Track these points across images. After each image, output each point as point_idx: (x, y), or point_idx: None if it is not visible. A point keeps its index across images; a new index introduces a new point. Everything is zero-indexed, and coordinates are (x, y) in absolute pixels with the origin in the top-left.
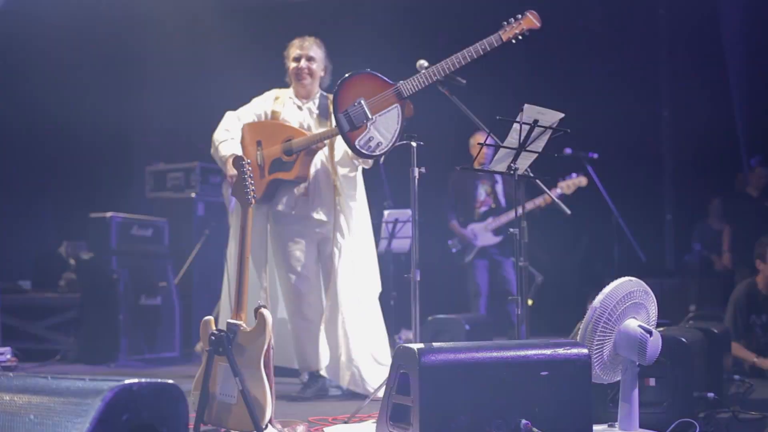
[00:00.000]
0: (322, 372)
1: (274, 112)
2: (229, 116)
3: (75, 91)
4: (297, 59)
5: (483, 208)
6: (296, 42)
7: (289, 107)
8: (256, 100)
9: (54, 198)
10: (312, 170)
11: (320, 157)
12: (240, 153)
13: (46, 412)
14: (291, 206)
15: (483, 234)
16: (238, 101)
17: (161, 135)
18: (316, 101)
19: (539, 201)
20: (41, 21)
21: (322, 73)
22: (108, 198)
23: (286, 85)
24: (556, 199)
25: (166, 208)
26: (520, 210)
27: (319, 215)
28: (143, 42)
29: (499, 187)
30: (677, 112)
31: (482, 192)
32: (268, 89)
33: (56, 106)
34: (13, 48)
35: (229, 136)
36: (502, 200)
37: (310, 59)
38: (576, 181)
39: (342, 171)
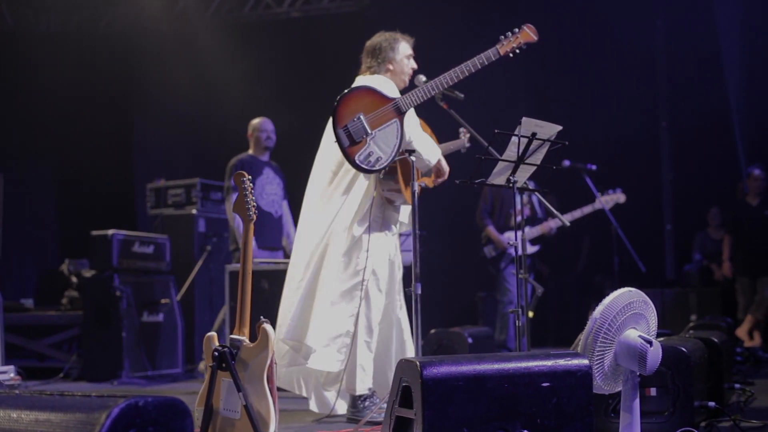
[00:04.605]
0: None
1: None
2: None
3: (74, 109)
4: (413, 57)
5: (520, 217)
6: (408, 39)
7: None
8: None
9: (55, 216)
10: None
11: None
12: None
13: (53, 428)
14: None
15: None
16: (236, 116)
17: (161, 152)
18: None
19: (577, 214)
20: (41, 39)
21: None
22: (109, 215)
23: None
24: (555, 211)
25: (167, 224)
26: (520, 220)
27: (404, 224)
28: (143, 59)
29: (535, 197)
30: (676, 122)
31: (518, 201)
32: (271, 103)
33: (56, 124)
34: (16, 67)
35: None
36: (538, 210)
37: None
38: (615, 197)
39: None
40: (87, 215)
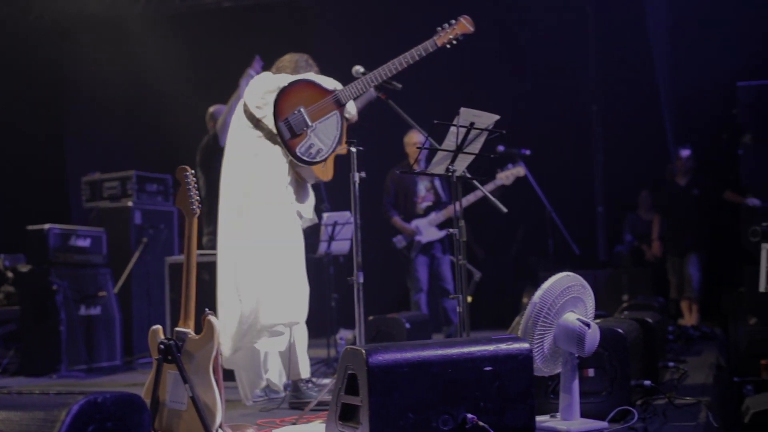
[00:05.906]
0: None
1: None
2: None
3: (4, 102)
4: None
5: (425, 204)
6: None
7: None
8: None
9: None
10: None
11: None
12: None
13: (12, 427)
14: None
15: (427, 229)
16: (170, 107)
17: (95, 144)
18: None
19: (471, 198)
20: None
21: None
22: (43, 209)
23: None
24: (492, 198)
25: (103, 217)
26: (458, 210)
27: (307, 220)
28: (74, 51)
29: (438, 182)
30: (606, 106)
31: (422, 188)
32: (204, 92)
33: None
34: None
35: None
36: (443, 195)
37: None
38: (514, 171)
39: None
40: (21, 209)
